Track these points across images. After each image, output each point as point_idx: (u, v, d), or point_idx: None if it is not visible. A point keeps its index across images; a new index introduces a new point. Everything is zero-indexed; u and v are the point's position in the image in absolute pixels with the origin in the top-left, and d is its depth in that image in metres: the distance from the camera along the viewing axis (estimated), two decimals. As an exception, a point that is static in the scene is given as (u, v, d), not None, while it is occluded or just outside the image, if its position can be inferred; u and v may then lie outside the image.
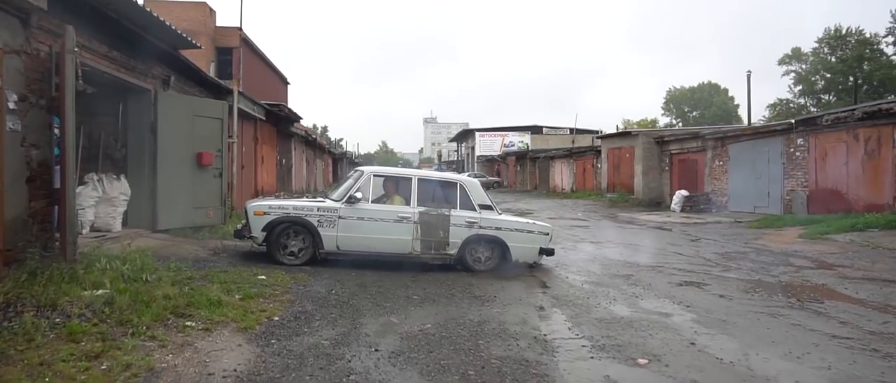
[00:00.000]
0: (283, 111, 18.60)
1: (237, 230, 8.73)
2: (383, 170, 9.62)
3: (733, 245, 12.51)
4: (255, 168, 17.62)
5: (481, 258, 8.74)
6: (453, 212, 8.63)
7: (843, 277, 8.65)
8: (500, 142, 62.92)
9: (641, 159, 26.16)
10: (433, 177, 9.34)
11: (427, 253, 8.57)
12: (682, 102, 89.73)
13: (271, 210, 8.30)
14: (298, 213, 8.31)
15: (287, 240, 8.30)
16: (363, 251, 8.43)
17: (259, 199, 9.20)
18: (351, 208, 8.36)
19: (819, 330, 5.78)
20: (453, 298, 7.01)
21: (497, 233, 8.72)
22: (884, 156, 14.65)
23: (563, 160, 39.45)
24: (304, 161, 28.35)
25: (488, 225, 8.70)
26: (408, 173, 9.19)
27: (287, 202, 8.60)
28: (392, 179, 8.99)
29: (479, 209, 8.78)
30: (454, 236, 8.57)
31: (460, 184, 8.94)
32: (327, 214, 8.32)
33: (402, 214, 8.48)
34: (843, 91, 60.50)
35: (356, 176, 8.87)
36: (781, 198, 18.20)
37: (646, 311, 6.54)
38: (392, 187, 8.89)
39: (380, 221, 8.42)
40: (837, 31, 62.28)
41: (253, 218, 8.28)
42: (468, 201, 8.76)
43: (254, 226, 8.26)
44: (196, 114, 10.48)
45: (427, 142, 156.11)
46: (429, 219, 8.53)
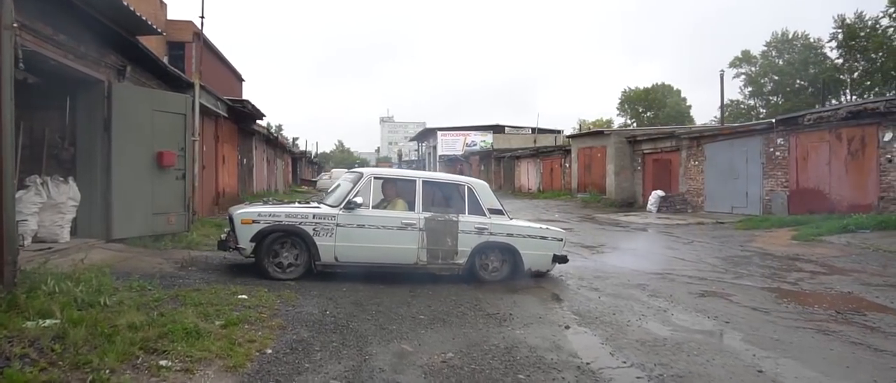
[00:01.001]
0: (247, 107, 17.39)
1: (221, 241, 7.63)
2: (384, 171, 8.72)
3: (729, 248, 12.07)
4: (216, 168, 16.38)
5: (492, 267, 7.99)
6: (462, 217, 7.83)
7: (865, 284, 8.20)
8: (462, 142, 62.27)
9: (614, 159, 25.84)
10: (439, 179, 8.52)
11: (434, 263, 7.72)
12: (637, 103, 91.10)
13: (261, 218, 7.27)
14: (292, 221, 7.32)
15: (279, 252, 7.32)
16: (364, 262, 7.55)
17: (246, 206, 8.15)
18: (350, 215, 7.44)
19: (886, 350, 5.18)
20: (465, 317, 6.17)
21: (508, 240, 7.96)
22: (868, 156, 14.52)
23: (530, 160, 39.03)
24: (265, 161, 27.01)
25: (499, 231, 7.93)
26: (411, 175, 8.36)
27: (278, 208, 7.58)
28: (393, 182, 8.14)
29: (488, 213, 8.01)
30: (463, 244, 7.76)
31: (468, 186, 8.14)
32: (324, 222, 7.37)
33: (406, 221, 7.61)
34: (790, 92, 62.33)
35: (354, 178, 7.96)
36: (760, 198, 18.02)
37: (685, 329, 5.84)
38: (392, 190, 8.05)
39: (382, 229, 7.53)
40: (784, 35, 64.25)
41: (240, 227, 7.25)
42: (477, 205, 7.97)
43: (241, 236, 7.24)
44: (156, 108, 9.33)
45: (384, 141, 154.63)
46: (436, 225, 7.69)
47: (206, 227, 11.68)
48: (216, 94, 14.77)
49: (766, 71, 62.84)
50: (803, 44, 63.19)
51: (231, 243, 7.39)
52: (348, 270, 7.55)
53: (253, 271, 7.60)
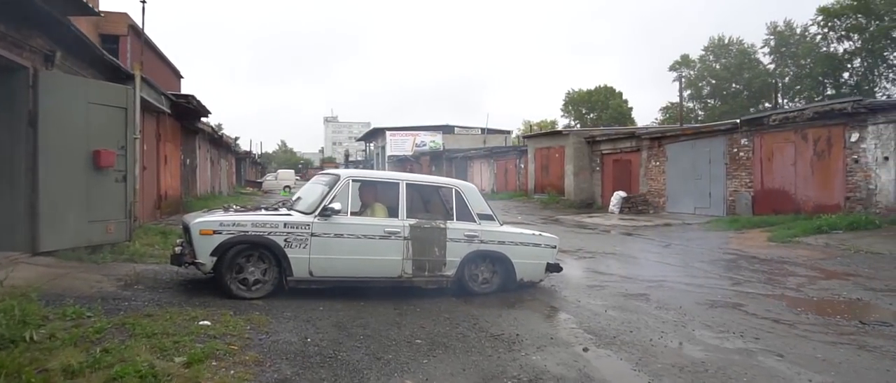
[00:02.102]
0: (192, 104, 16.01)
1: (175, 254, 6.49)
2: (364, 174, 7.77)
3: (710, 251, 11.72)
4: (158, 169, 14.98)
5: (482, 278, 7.26)
6: (450, 224, 7.07)
7: (869, 290, 7.87)
8: (412, 142, 61.30)
9: (572, 159, 25.56)
10: (424, 182, 7.70)
11: (420, 275, 6.91)
12: (580, 104, 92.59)
13: (223, 228, 6.20)
14: (259, 232, 6.31)
15: (244, 267, 6.29)
16: (343, 277, 6.66)
17: (203, 213, 6.99)
18: (326, 223, 6.52)
19: (944, 369, 4.70)
20: (467, 340, 5.36)
21: (500, 249, 7.25)
22: (835, 157, 14.55)
23: (483, 160, 38.53)
24: (209, 161, 25.38)
25: (490, 238, 7.22)
26: (394, 177, 7.48)
27: (243, 217, 6.46)
28: (373, 185, 7.30)
29: (478, 219, 7.26)
30: (452, 254, 7.00)
31: (456, 189, 7.36)
32: (297, 231, 6.41)
33: (389, 229, 6.78)
34: (727, 96, 64.53)
35: (330, 181, 7.00)
36: (724, 198, 17.96)
37: (717, 349, 5.22)
38: (372, 195, 7.18)
39: (363, 239, 6.66)
40: (721, 40, 66.52)
41: (198, 239, 6.16)
42: (466, 210, 7.22)
43: (200, 250, 6.16)
44: (92, 101, 8.11)
45: (328, 141, 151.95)
46: (422, 233, 6.90)
47: (149, 236, 10.44)
48: (159, 88, 13.44)
49: (704, 75, 64.69)
50: (738, 49, 65.60)
51: (187, 257, 6.31)
52: (325, 286, 6.61)
53: (212, 288, 6.56)
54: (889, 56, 54.59)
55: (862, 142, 13.87)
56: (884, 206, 13.40)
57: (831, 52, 57.09)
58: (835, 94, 56.20)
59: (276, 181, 43.88)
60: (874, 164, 13.61)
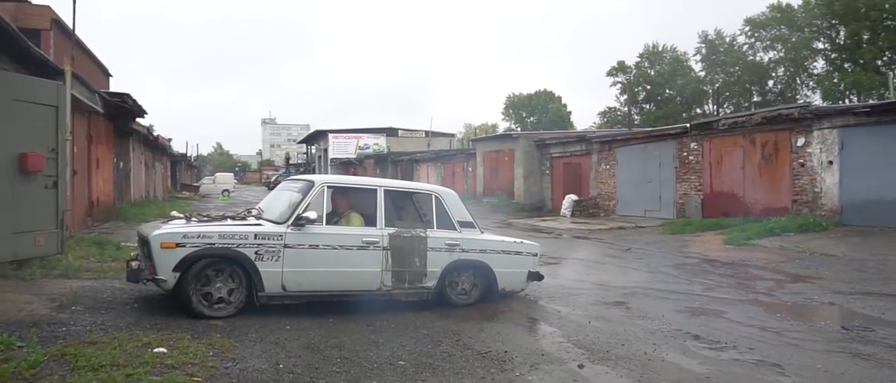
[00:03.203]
0: (127, 103, 14.91)
1: (132, 271, 5.85)
2: (340, 180, 7.15)
3: (671, 255, 11.73)
4: (90, 174, 13.84)
5: (462, 289, 6.90)
6: (430, 232, 6.68)
7: (837, 292, 7.94)
8: (355, 145, 60.29)
9: (522, 162, 25.53)
10: (403, 188, 7.34)
11: (400, 287, 6.50)
12: (521, 108, 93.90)
13: (187, 240, 5.58)
14: (227, 244, 5.72)
15: (210, 283, 5.69)
16: (318, 291, 6.18)
17: (162, 223, 6.26)
18: (300, 233, 6.01)
19: (944, 378, 4.62)
20: (453, 359, 4.95)
21: (482, 257, 6.92)
22: (782, 161, 14.94)
23: (430, 163, 38.15)
24: (143, 164, 23.93)
25: (472, 247, 6.88)
26: (371, 184, 7.00)
27: (208, 227, 5.86)
28: (347, 191, 6.80)
29: (459, 227, 6.90)
30: (433, 264, 6.61)
31: (436, 195, 6.96)
32: (268, 243, 5.87)
33: (367, 239, 6.33)
34: (661, 101, 66.76)
35: (303, 188, 6.45)
36: (674, 201, 18.24)
37: (715, 361, 5.01)
38: (345, 202, 6.72)
39: (340, 250, 6.20)
40: (655, 48, 68.79)
41: (159, 252, 5.50)
42: (447, 218, 6.85)
43: (161, 265, 5.50)
44: (18, 98, 7.21)
45: (266, 143, 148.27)
46: (401, 243, 6.48)
47: (83, 247, 9.52)
48: (92, 86, 12.40)
49: (639, 80, 66.66)
50: (672, 56, 67.92)
51: (146, 273, 5.68)
52: (300, 302, 6.10)
53: (164, 306, 5.90)
54: (810, 66, 57.88)
55: (808, 147, 14.29)
56: (828, 209, 13.83)
57: (757, 61, 59.98)
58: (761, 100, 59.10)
59: (214, 185, 42.13)
60: (819, 168, 14.04)
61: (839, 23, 51.45)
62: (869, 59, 48.77)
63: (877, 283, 8.48)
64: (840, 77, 52.43)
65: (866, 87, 48.50)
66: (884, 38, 47.84)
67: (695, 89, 64.06)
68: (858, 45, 49.56)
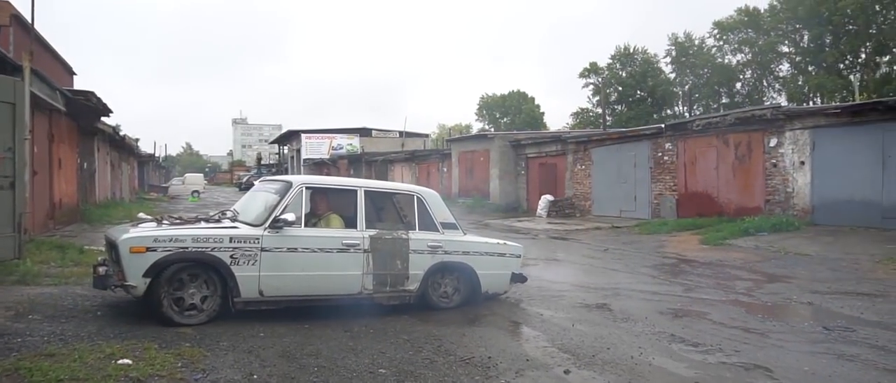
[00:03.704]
0: (91, 101, 14.37)
1: (99, 277, 5.57)
2: (318, 180, 6.98)
3: (649, 255, 11.72)
4: (51, 174, 13.31)
5: (444, 291, 6.76)
6: (412, 234, 6.53)
7: (814, 292, 7.96)
8: (328, 145, 59.64)
9: (498, 163, 25.45)
10: (383, 189, 7.21)
11: (381, 291, 6.34)
12: (494, 109, 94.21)
13: (158, 244, 5.34)
14: (201, 247, 5.49)
15: (182, 288, 5.45)
16: (297, 296, 5.99)
17: (131, 227, 6.00)
18: (278, 236, 5.80)
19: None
20: (436, 367, 4.78)
21: (465, 259, 6.77)
22: (755, 161, 15.09)
23: (405, 164, 37.88)
24: (108, 165, 23.21)
25: (455, 249, 6.72)
26: (351, 184, 6.79)
27: (180, 230, 5.61)
28: (326, 192, 6.61)
29: (441, 228, 6.74)
30: (415, 267, 6.46)
31: (418, 196, 6.80)
32: (244, 246, 5.65)
33: (348, 241, 6.14)
34: (633, 102, 67.57)
35: (280, 189, 6.23)
36: (649, 202, 18.32)
37: (704, 364, 4.93)
38: (324, 203, 6.52)
39: (319, 253, 6.00)
40: (626, 49, 69.59)
41: (128, 257, 5.24)
42: (429, 219, 6.69)
43: (130, 270, 5.25)
44: (-29, 93, 6.82)
45: (237, 144, 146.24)
46: (382, 245, 6.31)
47: (43, 251, 9.09)
48: (53, 83, 11.90)
49: (611, 82, 67.34)
50: (643, 58, 68.77)
51: (115, 279, 5.44)
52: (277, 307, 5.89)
53: (130, 314, 5.61)
54: (775, 69, 59.20)
55: (780, 147, 14.46)
56: (800, 209, 14.00)
57: (726, 63, 61.11)
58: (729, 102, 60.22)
59: (183, 186, 41.20)
60: (791, 168, 14.21)
61: (803, 27, 52.69)
62: (831, 62, 50.06)
63: (851, 283, 8.54)
64: (804, 80, 53.71)
65: (829, 89, 49.76)
66: (845, 42, 49.15)
67: (665, 91, 64.99)
68: (821, 49, 50.82)
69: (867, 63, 49.13)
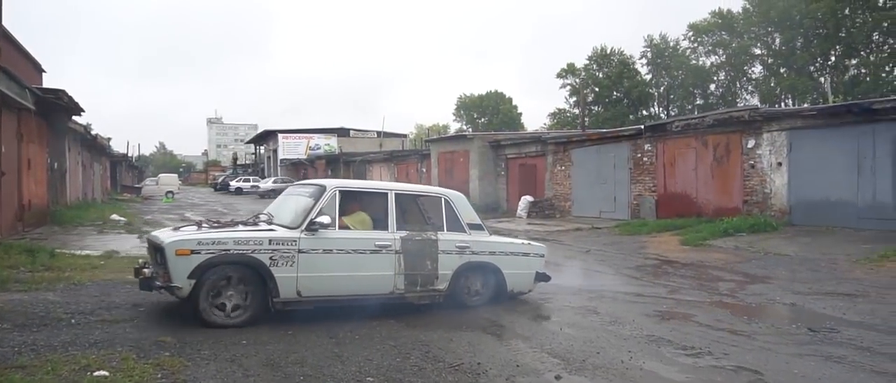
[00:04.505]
0: (62, 100, 13.97)
1: (145, 279, 5.78)
2: (351, 184, 7.18)
3: (630, 256, 11.76)
4: (20, 175, 12.91)
5: (474, 290, 7.03)
6: (440, 235, 6.77)
7: (796, 293, 8.03)
8: (306, 145, 59.17)
9: (477, 164, 25.43)
10: (412, 191, 7.37)
11: (412, 290, 6.57)
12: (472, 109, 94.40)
13: (202, 247, 5.57)
14: (242, 250, 5.73)
15: (223, 290, 5.67)
16: (332, 295, 6.26)
17: (171, 231, 6.14)
18: (314, 238, 6.03)
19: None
20: (424, 374, 4.68)
21: (491, 259, 7.05)
22: (733, 162, 15.26)
23: (383, 164, 37.70)
24: (80, 165, 22.64)
25: (481, 249, 7.00)
26: (381, 187, 7.11)
27: (223, 233, 5.82)
28: (358, 195, 6.86)
29: (468, 229, 7.02)
30: (444, 267, 6.71)
31: (445, 199, 7.06)
32: (283, 248, 5.87)
33: (380, 242, 6.39)
34: (610, 103, 68.20)
35: (314, 192, 6.46)
36: (629, 202, 18.43)
37: (694, 368, 4.89)
38: (355, 206, 6.75)
39: (353, 254, 6.25)
40: (603, 51, 70.21)
41: (174, 259, 5.48)
42: (456, 220, 6.96)
43: (176, 272, 5.48)
44: (-65, 91, 6.54)
45: (212, 143, 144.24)
46: (413, 246, 6.56)
47: (12, 255, 8.79)
48: (22, 81, 11.52)
49: (588, 82, 67.87)
50: (619, 59, 69.43)
51: (160, 281, 5.64)
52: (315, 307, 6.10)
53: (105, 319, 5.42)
54: (749, 70, 60.23)
55: (758, 149, 14.63)
56: (778, 209, 14.19)
57: (700, 65, 61.99)
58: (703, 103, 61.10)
59: (157, 186, 40.38)
60: (769, 169, 14.40)
61: (775, 30, 53.70)
62: (802, 64, 51.08)
63: (831, 283, 8.64)
64: (776, 81, 54.73)
65: (801, 91, 50.80)
66: (815, 45, 50.18)
67: (642, 92, 65.69)
68: (792, 52, 51.83)
69: (837, 66, 50.22)
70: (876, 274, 9.10)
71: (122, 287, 7.55)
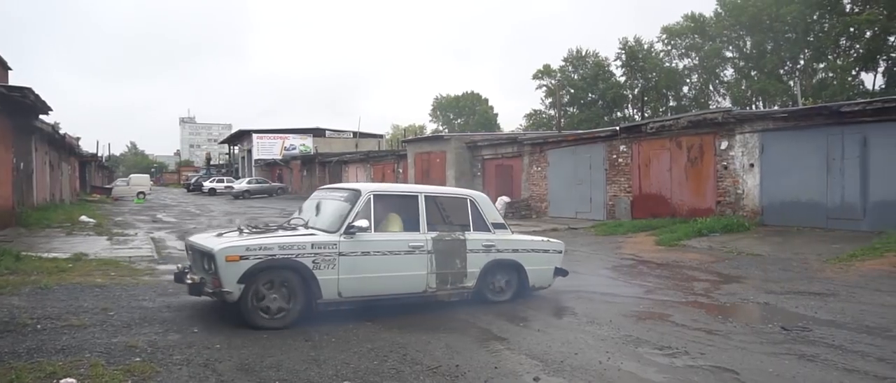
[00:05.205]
0: (29, 98, 13.58)
1: (195, 284, 5.90)
2: (384, 187, 7.40)
3: (607, 256, 11.83)
4: (-16, 176, 12.52)
5: (498, 287, 7.36)
6: (468, 235, 7.11)
7: (769, 292, 8.13)
8: (281, 145, 58.63)
9: (454, 164, 25.41)
10: (440, 193, 7.59)
11: (443, 288, 6.92)
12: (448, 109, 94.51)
13: (250, 252, 5.77)
14: (287, 254, 5.98)
15: (267, 293, 5.89)
16: (371, 295, 6.51)
17: (219, 238, 6.23)
18: (353, 241, 6.29)
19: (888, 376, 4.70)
20: (401, 376, 4.69)
21: (514, 256, 7.41)
22: (706, 163, 15.47)
23: (360, 165, 37.48)
24: (47, 165, 22.06)
25: (506, 247, 7.35)
26: (412, 190, 7.28)
27: (268, 239, 6.07)
28: (392, 199, 7.03)
29: (493, 228, 7.34)
30: (472, 265, 7.05)
31: (470, 199, 7.40)
32: (324, 252, 6.14)
33: (413, 243, 6.71)
34: (584, 105, 68.85)
35: (350, 197, 6.70)
36: (604, 203, 18.58)
37: (671, 368, 4.92)
38: (387, 209, 6.91)
39: (389, 255, 6.55)
40: (578, 52, 70.84)
41: (224, 265, 5.65)
42: (481, 220, 7.30)
43: (226, 277, 5.65)
44: None
45: (184, 143, 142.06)
46: (443, 246, 6.89)
47: (-26, 258, 8.48)
48: (-15, 78, 11.14)
49: (564, 84, 68.38)
50: (594, 61, 70.13)
51: (210, 286, 5.79)
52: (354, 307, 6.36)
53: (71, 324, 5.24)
54: (721, 73, 61.27)
55: (730, 150, 14.86)
56: (750, 210, 14.42)
57: (673, 67, 62.90)
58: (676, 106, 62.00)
59: (128, 187, 39.55)
60: (741, 171, 14.63)
61: (746, 33, 54.71)
62: (772, 67, 52.15)
63: (803, 282, 8.79)
64: (747, 84, 55.78)
65: (771, 93, 51.87)
66: (785, 48, 51.27)
67: (616, 93, 66.40)
68: (763, 55, 52.89)
69: (805, 69, 51.35)
70: (845, 273, 9.28)
71: (90, 290, 7.37)
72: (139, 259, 10.66)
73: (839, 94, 43.63)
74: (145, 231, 16.74)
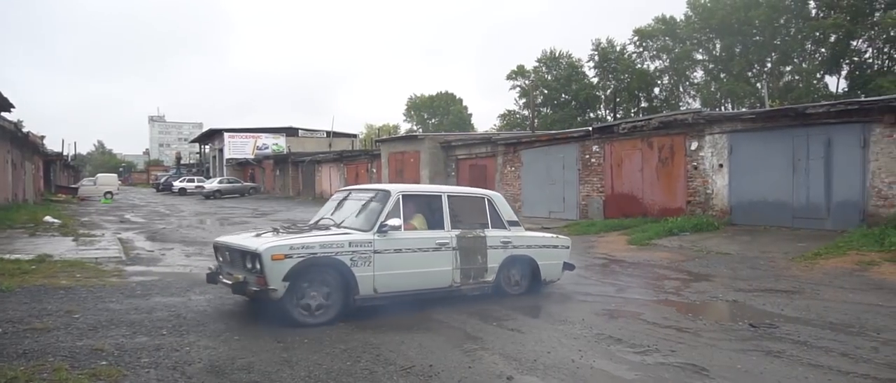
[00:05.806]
0: (-11, 94, 13.16)
1: (239, 283, 6.05)
2: (412, 188, 7.66)
3: (579, 256, 11.74)
4: (-58, 175, 12.10)
5: (514, 281, 7.80)
6: (487, 232, 7.54)
7: (738, 290, 8.28)
8: (253, 144, 57.85)
9: (428, 164, 25.38)
10: (461, 193, 7.96)
11: (466, 283, 7.30)
12: (423, 109, 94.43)
13: (294, 251, 6.00)
14: (328, 252, 6.23)
15: (306, 291, 6.12)
16: (403, 291, 6.81)
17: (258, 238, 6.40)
18: (385, 239, 6.60)
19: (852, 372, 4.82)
20: (375, 377, 4.67)
21: (528, 252, 7.86)
22: (677, 164, 15.71)
23: (333, 164, 37.20)
24: (9, 164, 21.43)
25: (521, 243, 7.81)
26: (436, 190, 7.64)
27: (309, 238, 6.30)
28: (418, 198, 7.38)
29: (508, 226, 7.79)
30: (492, 260, 7.48)
31: (488, 198, 7.83)
32: (361, 250, 6.43)
33: (440, 241, 7.07)
34: (557, 105, 69.42)
35: (380, 197, 7.02)
36: (577, 203, 18.74)
37: (642, 366, 4.97)
38: (412, 208, 7.22)
39: (418, 252, 6.89)
40: (552, 54, 71.40)
41: (270, 265, 5.84)
42: (498, 218, 7.73)
43: (272, 276, 5.85)
44: None
45: (154, 142, 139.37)
46: (466, 243, 7.28)
47: (-68, 260, 8.20)
48: (-57, 73, 10.77)
49: (537, 85, 68.89)
50: (567, 62, 70.75)
51: (254, 285, 5.97)
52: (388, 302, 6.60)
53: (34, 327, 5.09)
54: (691, 75, 62.35)
55: (700, 151, 15.11)
56: (719, 209, 14.69)
57: (645, 68, 63.79)
58: (648, 106, 62.89)
59: (95, 187, 38.66)
60: (711, 171, 14.89)
61: (715, 36, 55.78)
62: (740, 70, 53.24)
63: (770, 280, 8.98)
64: (717, 86, 56.85)
65: (739, 95, 52.95)
66: (753, 51, 52.42)
67: (589, 94, 67.07)
68: (732, 57, 53.98)
69: (772, 72, 52.53)
70: (810, 271, 9.51)
71: (55, 292, 7.18)
72: (106, 260, 10.42)
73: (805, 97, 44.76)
74: (113, 231, 16.39)
